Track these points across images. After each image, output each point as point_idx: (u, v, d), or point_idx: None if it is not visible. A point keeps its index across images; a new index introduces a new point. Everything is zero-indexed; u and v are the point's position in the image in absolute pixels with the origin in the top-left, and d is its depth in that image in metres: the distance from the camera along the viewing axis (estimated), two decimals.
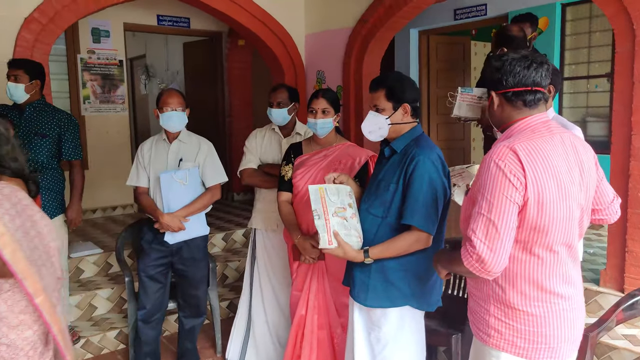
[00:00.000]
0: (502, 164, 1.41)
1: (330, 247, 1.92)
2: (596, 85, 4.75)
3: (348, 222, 1.96)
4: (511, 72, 1.50)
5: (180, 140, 2.76)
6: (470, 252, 1.42)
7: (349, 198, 2.01)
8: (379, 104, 1.94)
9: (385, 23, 4.10)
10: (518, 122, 1.52)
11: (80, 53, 5.14)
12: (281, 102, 2.82)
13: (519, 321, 1.50)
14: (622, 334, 2.75)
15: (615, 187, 2.92)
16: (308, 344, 2.44)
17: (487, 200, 1.41)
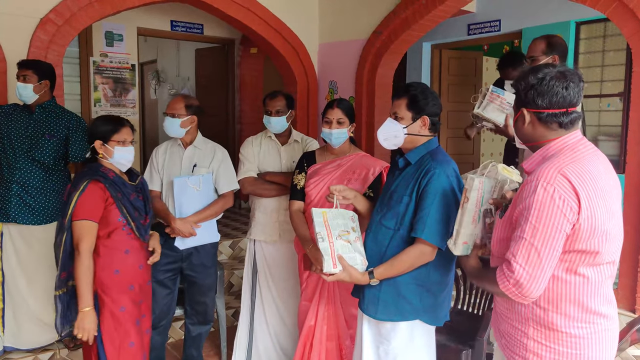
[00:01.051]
0: (550, 189, 1.35)
1: (335, 271, 1.91)
2: (608, 104, 4.74)
3: (352, 245, 1.95)
4: (548, 92, 1.42)
5: (196, 146, 2.75)
6: (507, 276, 1.39)
7: (352, 222, 1.99)
8: (399, 112, 1.93)
9: (399, 36, 4.12)
10: (553, 141, 1.46)
11: (93, 56, 5.17)
12: (280, 110, 2.80)
13: (562, 344, 1.45)
14: (634, 355, 2.71)
15: (629, 206, 2.91)
16: (317, 354, 2.42)
17: (532, 225, 1.36)
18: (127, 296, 2.21)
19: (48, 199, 2.91)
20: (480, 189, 1.61)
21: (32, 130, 2.88)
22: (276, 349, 2.94)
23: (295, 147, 2.93)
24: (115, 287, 2.18)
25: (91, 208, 2.11)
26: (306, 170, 2.55)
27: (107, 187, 2.15)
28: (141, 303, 2.28)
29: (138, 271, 2.26)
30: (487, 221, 1.62)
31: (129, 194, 2.22)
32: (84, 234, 2.10)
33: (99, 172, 2.17)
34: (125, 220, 2.19)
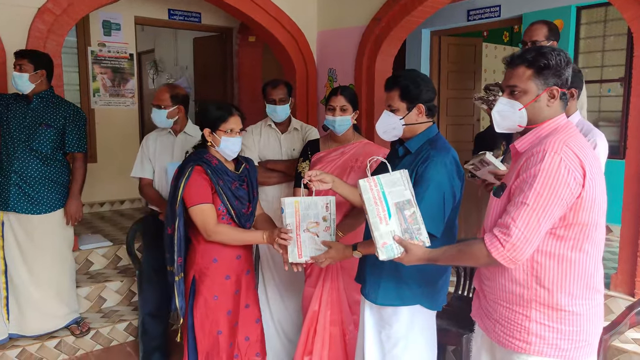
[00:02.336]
0: (557, 158, 1.39)
1: (300, 261, 2.01)
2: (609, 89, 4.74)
3: (319, 237, 2.00)
4: (571, 73, 1.49)
5: (186, 132, 2.77)
6: (502, 240, 1.41)
7: (324, 210, 2.00)
8: (393, 103, 1.92)
9: (399, 22, 4.09)
10: (550, 121, 1.50)
11: (91, 46, 5.14)
12: (283, 98, 2.81)
13: (565, 322, 1.47)
14: (632, 338, 2.75)
15: (629, 191, 2.93)
16: (320, 339, 2.44)
17: (537, 192, 1.38)
18: (222, 286, 2.22)
19: (46, 188, 2.91)
20: (372, 188, 1.64)
21: (29, 120, 2.87)
22: (279, 335, 2.97)
23: (295, 135, 2.93)
24: (212, 276, 2.20)
25: (202, 191, 2.11)
26: (310, 158, 2.56)
27: (209, 174, 2.14)
28: (238, 293, 2.26)
29: (235, 261, 2.25)
30: (406, 214, 1.65)
31: (230, 182, 2.21)
32: (206, 217, 2.10)
33: (203, 159, 2.17)
34: (225, 209, 2.18)
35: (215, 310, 2.20)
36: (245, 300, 2.30)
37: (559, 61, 1.46)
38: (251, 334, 2.31)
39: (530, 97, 1.49)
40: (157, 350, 2.88)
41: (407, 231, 1.64)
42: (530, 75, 1.48)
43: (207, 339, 2.20)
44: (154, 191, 2.74)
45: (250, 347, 2.30)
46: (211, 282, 2.19)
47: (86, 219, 4.75)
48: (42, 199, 2.90)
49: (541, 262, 1.47)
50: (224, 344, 2.23)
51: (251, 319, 2.32)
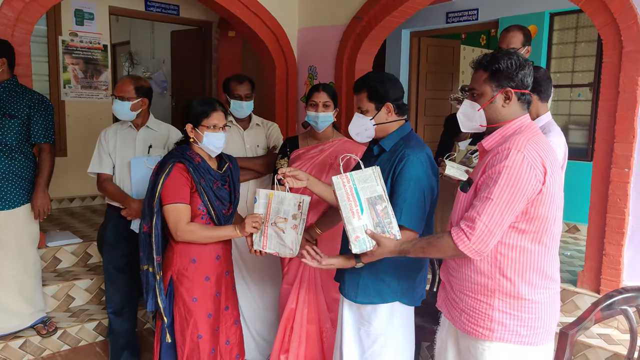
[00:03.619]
0: (521, 157, 1.47)
1: (267, 250, 2.06)
2: (579, 94, 4.89)
3: (285, 234, 2.02)
4: (529, 73, 1.57)
5: (149, 127, 2.71)
6: (468, 234, 1.49)
7: (296, 209, 2.01)
8: (362, 105, 1.94)
9: (379, 22, 4.13)
10: (512, 121, 1.58)
11: (62, 35, 4.98)
12: (248, 94, 2.80)
13: (524, 310, 1.56)
14: (597, 333, 2.85)
15: (596, 193, 3.03)
16: (297, 337, 2.45)
17: (501, 188, 1.46)
18: (202, 287, 2.16)
19: (11, 183, 2.79)
20: (345, 184, 1.72)
21: None
22: (253, 335, 2.96)
23: (258, 131, 2.92)
24: (191, 277, 2.13)
25: (180, 190, 2.06)
26: (289, 155, 2.56)
27: (191, 172, 2.09)
28: (218, 295, 2.22)
29: (215, 262, 2.20)
30: (378, 209, 1.72)
31: (212, 181, 2.16)
32: (179, 217, 2.06)
33: (186, 156, 2.12)
34: (206, 209, 2.13)
35: (195, 313, 2.14)
36: (225, 302, 2.27)
37: (510, 64, 1.54)
38: (231, 336, 2.29)
39: (486, 99, 1.59)
40: (125, 349, 2.82)
41: (379, 225, 1.71)
42: (486, 78, 1.58)
43: (187, 344, 2.14)
44: (115, 186, 2.65)
45: (232, 350, 2.28)
46: (190, 283, 2.14)
47: (55, 215, 4.59)
48: (7, 194, 2.78)
49: (504, 253, 1.55)
50: (206, 349, 2.17)
51: (230, 321, 2.29)
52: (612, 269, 2.97)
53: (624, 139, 2.88)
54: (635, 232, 2.91)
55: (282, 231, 2.02)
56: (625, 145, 2.88)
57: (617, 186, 2.93)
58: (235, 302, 2.34)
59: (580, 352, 2.76)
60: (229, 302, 2.28)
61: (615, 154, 2.92)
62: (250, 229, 2.05)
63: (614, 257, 2.96)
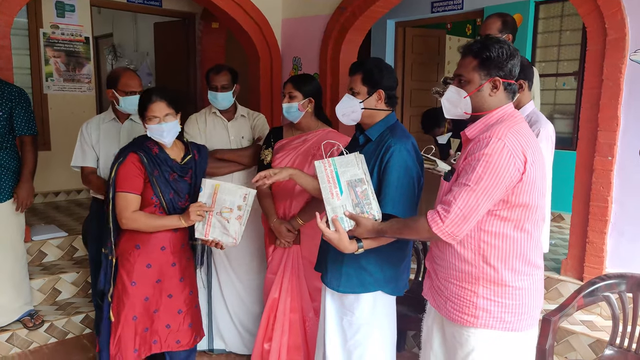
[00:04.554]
0: (501, 145, 1.46)
1: (208, 238, 2.14)
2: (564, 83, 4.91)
3: (229, 224, 2.12)
4: (518, 63, 1.56)
5: (133, 120, 2.68)
6: (443, 217, 1.49)
7: (241, 200, 2.09)
8: (355, 87, 1.94)
9: (364, 12, 4.09)
10: (499, 109, 1.58)
11: (43, 27, 4.90)
12: (225, 85, 2.74)
13: (508, 297, 1.57)
14: (580, 320, 2.88)
15: (579, 181, 3.05)
16: (280, 326, 2.45)
17: (478, 175, 1.46)
18: (142, 273, 2.19)
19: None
20: (326, 168, 1.82)
21: None
22: (237, 326, 2.96)
23: (243, 122, 2.88)
24: (132, 262, 2.18)
25: (129, 180, 2.10)
26: (273, 146, 2.54)
27: (144, 162, 2.11)
28: (159, 283, 2.24)
29: (158, 252, 2.22)
30: (358, 190, 1.79)
31: (168, 173, 2.16)
32: (125, 207, 2.10)
33: (144, 146, 2.14)
34: (158, 199, 2.15)
35: (132, 297, 2.19)
36: (168, 290, 2.28)
37: (501, 53, 1.53)
38: (172, 322, 2.30)
39: (474, 86, 1.57)
40: None
41: (358, 205, 1.78)
42: (475, 65, 1.56)
43: (122, 324, 2.20)
44: (100, 179, 2.62)
45: (171, 335, 2.29)
46: (131, 268, 2.19)
47: (40, 209, 4.57)
48: None
49: (487, 241, 1.55)
50: (139, 328, 2.23)
51: (173, 310, 2.30)
52: (595, 256, 2.99)
53: (608, 127, 2.89)
54: (618, 220, 2.94)
55: (226, 221, 2.09)
56: (609, 133, 2.89)
57: (601, 174, 2.94)
58: (181, 293, 2.32)
59: (563, 338, 2.79)
60: (173, 291, 2.29)
61: (599, 142, 2.93)
62: (195, 218, 2.10)
63: (597, 244, 2.98)
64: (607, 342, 2.32)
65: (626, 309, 2.21)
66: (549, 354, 2.07)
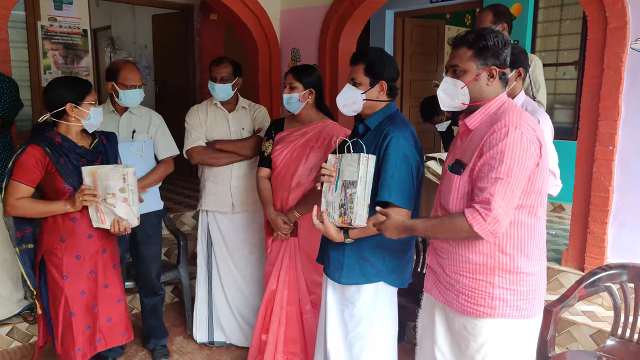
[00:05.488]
0: (519, 133, 1.48)
1: (105, 226, 2.15)
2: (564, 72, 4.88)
3: (117, 208, 2.12)
4: (509, 53, 1.57)
5: (131, 112, 2.67)
6: (484, 215, 1.46)
7: (122, 182, 2.09)
8: (357, 77, 1.92)
9: (362, 2, 4.05)
10: (496, 98, 1.59)
11: (41, 20, 4.87)
12: (225, 77, 2.72)
13: (523, 284, 1.58)
14: (582, 310, 2.88)
15: (580, 171, 3.04)
16: (277, 318, 2.46)
17: (508, 167, 1.46)
18: (73, 266, 2.19)
19: None
20: (335, 163, 1.88)
21: None
22: (237, 318, 2.96)
23: (243, 114, 2.87)
24: (60, 255, 2.17)
25: (25, 171, 2.10)
26: (274, 137, 2.53)
27: (48, 153, 2.11)
28: (93, 274, 2.24)
29: (86, 240, 2.21)
30: (348, 192, 1.82)
31: (77, 159, 2.17)
32: (11, 194, 2.12)
33: (43, 137, 2.14)
34: (72, 187, 2.15)
35: (67, 292, 2.18)
36: (104, 280, 2.27)
37: (497, 42, 1.54)
38: (114, 314, 2.29)
39: (471, 76, 1.57)
40: None
41: (343, 206, 1.82)
42: (470, 55, 1.56)
43: (60, 321, 2.18)
44: None
45: (115, 328, 2.29)
46: (59, 262, 2.17)
47: None
48: None
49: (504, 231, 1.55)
50: (80, 326, 2.21)
51: (112, 299, 2.29)
52: (597, 246, 2.99)
53: (609, 117, 2.88)
54: (620, 210, 2.93)
55: (113, 206, 2.10)
56: (610, 122, 2.88)
57: (602, 164, 2.93)
58: (117, 280, 2.33)
59: (565, 329, 2.79)
60: (108, 280, 2.29)
61: (600, 132, 2.92)
62: (80, 204, 2.11)
63: (598, 234, 2.98)
64: (608, 332, 2.32)
65: (628, 299, 2.21)
66: (551, 344, 2.08)
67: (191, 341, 3.11)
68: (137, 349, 3.02)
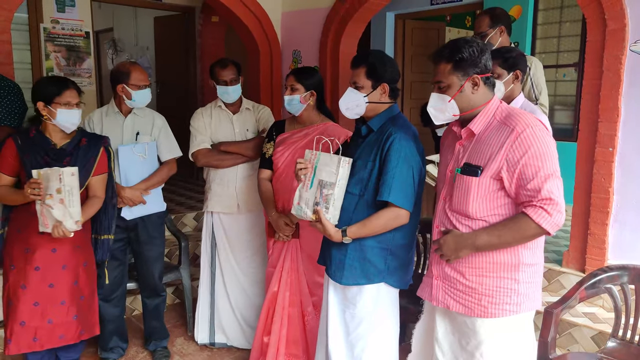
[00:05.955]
0: (542, 128, 1.55)
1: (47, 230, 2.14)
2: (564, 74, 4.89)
3: (54, 209, 2.12)
4: (489, 57, 1.62)
5: (135, 113, 2.68)
6: (549, 210, 1.51)
7: (58, 182, 2.10)
8: (359, 81, 1.93)
9: (363, 4, 4.07)
10: (490, 102, 1.64)
11: (44, 22, 4.89)
12: (233, 78, 2.75)
13: (536, 274, 1.65)
14: (582, 312, 2.88)
15: (581, 172, 3.04)
16: (279, 319, 2.46)
17: (551, 162, 1.53)
18: (22, 257, 2.22)
19: None
20: (311, 160, 1.92)
21: None
22: (239, 320, 2.96)
23: (248, 115, 2.88)
24: (12, 244, 2.24)
25: (3, 161, 2.25)
26: (275, 139, 2.54)
27: (18, 146, 2.21)
28: (38, 270, 2.23)
29: (37, 236, 2.21)
30: (324, 192, 1.88)
31: (41, 156, 2.22)
32: None
33: (24, 129, 2.25)
34: None
35: (12, 280, 2.22)
36: (49, 279, 2.25)
37: (472, 52, 1.57)
38: (54, 316, 2.27)
39: (455, 89, 1.61)
40: (114, 334, 2.82)
41: (317, 205, 1.89)
42: (450, 69, 1.60)
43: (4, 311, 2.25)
44: None
45: (55, 329, 2.27)
46: (10, 250, 2.24)
47: None
48: None
49: None
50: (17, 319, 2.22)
51: (55, 300, 2.27)
52: (597, 248, 2.99)
53: (608, 118, 2.88)
54: (620, 211, 2.93)
55: (51, 207, 2.11)
56: (610, 124, 2.88)
57: (602, 165, 2.94)
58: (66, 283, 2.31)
59: (566, 330, 2.79)
60: (54, 280, 2.27)
61: (600, 133, 2.92)
62: (27, 195, 2.13)
63: (599, 236, 2.98)
64: (609, 334, 2.32)
65: (628, 300, 2.21)
66: (551, 346, 2.07)
67: (192, 342, 3.12)
68: (137, 351, 3.02)
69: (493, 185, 1.58)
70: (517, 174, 1.54)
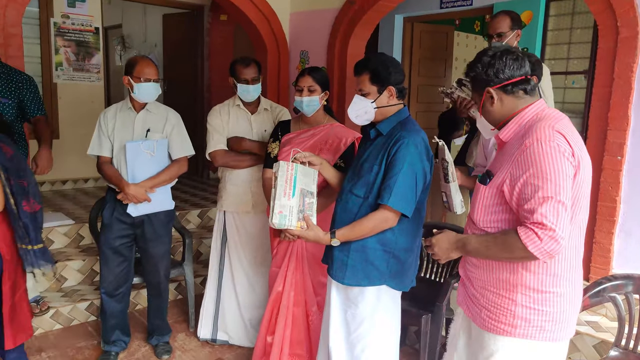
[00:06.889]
0: (555, 145, 1.40)
1: None
2: (573, 81, 4.86)
3: None
4: (505, 64, 1.54)
5: (148, 110, 2.66)
6: (540, 234, 1.37)
7: None
8: (364, 88, 1.93)
9: (372, 6, 4.07)
10: (524, 110, 1.55)
11: (54, 17, 4.93)
12: (255, 77, 2.73)
13: (549, 304, 1.50)
14: (585, 320, 2.87)
15: None
16: (283, 319, 2.46)
17: (554, 183, 1.38)
18: None
19: None
20: (288, 171, 1.94)
21: None
22: (243, 318, 2.96)
23: (265, 116, 2.87)
24: None
25: None
26: (280, 139, 2.54)
27: None
28: None
29: None
30: (306, 200, 1.93)
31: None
32: None
33: None
34: None
35: None
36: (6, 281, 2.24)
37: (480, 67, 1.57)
38: None
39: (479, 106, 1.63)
40: (117, 329, 2.83)
41: (301, 212, 1.92)
42: (475, 87, 1.62)
43: None
44: (112, 169, 2.62)
45: None
46: None
47: (48, 197, 4.62)
48: None
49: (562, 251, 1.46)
50: None
51: None
52: (602, 256, 2.97)
53: (618, 127, 2.87)
54: (626, 221, 2.91)
55: None
56: (619, 132, 2.87)
57: (609, 174, 2.92)
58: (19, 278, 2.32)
59: None
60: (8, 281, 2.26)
61: (608, 142, 2.91)
62: None
63: (604, 245, 2.96)
64: (612, 343, 2.30)
65: (632, 310, 2.20)
66: None
67: (193, 338, 3.12)
68: (140, 345, 3.03)
69: (496, 197, 1.51)
70: (517, 191, 1.44)
